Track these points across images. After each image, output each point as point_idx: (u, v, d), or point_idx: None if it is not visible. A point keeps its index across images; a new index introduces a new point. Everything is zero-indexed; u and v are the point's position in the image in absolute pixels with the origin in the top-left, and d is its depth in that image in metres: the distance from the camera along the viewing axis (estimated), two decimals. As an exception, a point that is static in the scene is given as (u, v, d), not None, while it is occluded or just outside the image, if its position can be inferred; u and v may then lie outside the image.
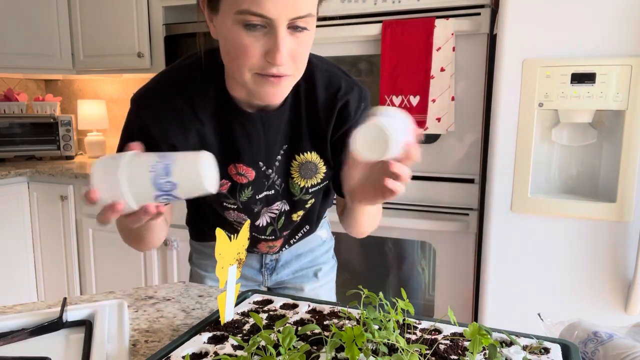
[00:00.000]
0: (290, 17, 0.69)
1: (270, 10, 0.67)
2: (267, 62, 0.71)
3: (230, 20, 0.70)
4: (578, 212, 1.49)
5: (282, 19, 0.69)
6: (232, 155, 0.88)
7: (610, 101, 1.43)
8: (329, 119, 0.88)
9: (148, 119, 0.84)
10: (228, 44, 0.73)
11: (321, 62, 0.89)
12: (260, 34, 0.70)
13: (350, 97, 0.88)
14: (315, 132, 0.89)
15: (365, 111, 0.91)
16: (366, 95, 0.91)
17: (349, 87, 0.89)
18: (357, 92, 0.89)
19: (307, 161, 0.92)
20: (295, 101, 0.87)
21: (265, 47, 0.71)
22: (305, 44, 0.74)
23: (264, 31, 0.70)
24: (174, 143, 0.84)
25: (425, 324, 0.71)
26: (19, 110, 2.92)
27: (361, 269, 2.18)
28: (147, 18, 2.51)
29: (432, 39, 1.77)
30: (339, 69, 0.91)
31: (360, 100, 0.89)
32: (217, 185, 0.68)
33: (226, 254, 0.68)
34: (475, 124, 1.80)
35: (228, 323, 0.71)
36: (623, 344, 0.65)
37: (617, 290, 1.49)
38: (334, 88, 0.88)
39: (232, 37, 0.71)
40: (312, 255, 1.15)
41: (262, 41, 0.70)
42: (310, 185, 0.94)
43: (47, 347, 0.71)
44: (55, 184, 2.54)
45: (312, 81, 0.86)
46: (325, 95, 0.87)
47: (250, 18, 0.68)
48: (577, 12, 1.44)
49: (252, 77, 0.74)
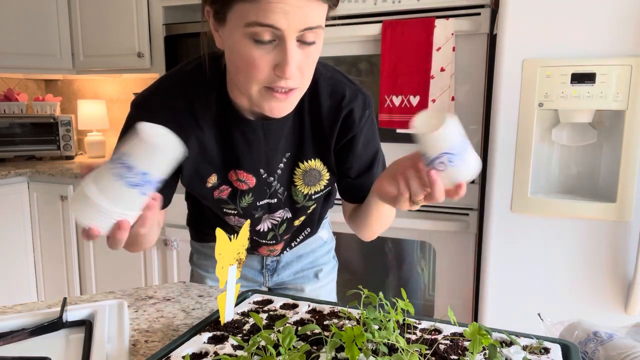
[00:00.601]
0: (300, 29, 0.68)
1: (281, 21, 0.66)
2: (276, 75, 0.70)
3: (238, 33, 0.69)
4: (578, 212, 1.49)
5: (291, 31, 0.68)
6: (232, 161, 0.88)
7: (610, 101, 1.43)
8: (333, 127, 0.88)
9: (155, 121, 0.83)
10: (235, 56, 0.72)
11: (325, 69, 0.88)
12: (269, 47, 0.69)
13: (354, 105, 0.87)
14: (319, 139, 0.89)
15: (369, 118, 0.91)
16: (370, 103, 0.91)
17: (353, 95, 0.88)
18: (362, 99, 0.89)
19: (310, 168, 0.91)
20: (299, 109, 0.86)
21: (275, 60, 0.70)
22: (313, 57, 0.73)
23: (273, 44, 0.69)
24: None
25: (425, 324, 0.71)
26: (19, 110, 2.92)
27: (361, 269, 2.18)
28: (147, 18, 2.51)
29: (432, 39, 1.77)
30: (343, 76, 0.90)
31: (364, 108, 0.89)
32: (179, 143, 0.63)
33: (226, 254, 0.68)
34: (475, 124, 1.80)
35: (228, 323, 0.71)
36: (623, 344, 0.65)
37: (617, 290, 1.49)
38: (339, 96, 0.87)
39: (240, 50, 0.70)
40: (313, 256, 1.15)
41: (271, 55, 0.70)
42: (313, 192, 0.94)
43: (47, 347, 0.71)
44: (55, 184, 2.54)
45: (316, 89, 0.86)
46: (329, 103, 0.87)
47: (259, 30, 0.67)
48: (577, 12, 1.44)
49: (259, 90, 0.73)
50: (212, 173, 0.89)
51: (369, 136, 0.91)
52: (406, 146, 1.88)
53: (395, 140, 1.88)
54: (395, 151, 1.90)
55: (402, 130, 1.85)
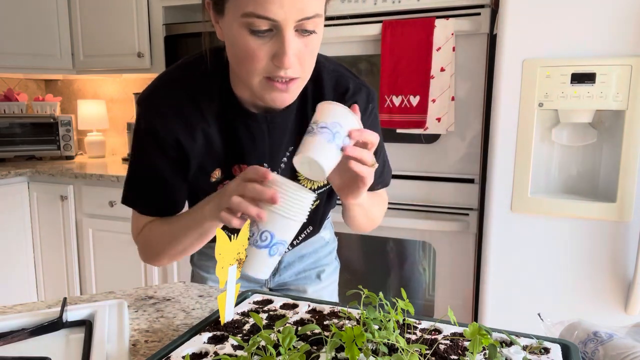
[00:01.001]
0: (297, 19, 0.68)
1: (277, 12, 0.66)
2: (275, 65, 0.70)
3: (236, 23, 0.69)
4: (578, 212, 1.49)
5: (288, 22, 0.67)
6: (236, 155, 0.88)
7: (610, 101, 1.43)
8: None
9: (155, 119, 0.83)
10: (235, 47, 0.72)
11: (328, 62, 0.88)
12: (267, 38, 0.69)
13: (358, 98, 0.87)
14: None
15: (373, 112, 0.91)
16: (374, 96, 0.91)
17: (357, 88, 0.88)
18: (365, 93, 0.89)
19: None
20: (302, 102, 0.86)
21: (272, 50, 0.69)
22: (312, 46, 0.73)
23: (271, 35, 0.69)
24: (181, 141, 0.84)
25: (425, 324, 0.71)
26: (19, 110, 2.92)
27: (362, 269, 2.18)
28: (147, 18, 2.51)
29: (432, 39, 1.77)
30: (346, 70, 0.90)
31: (368, 101, 0.89)
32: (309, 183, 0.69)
33: (226, 254, 0.68)
34: (475, 124, 1.80)
35: (228, 323, 0.71)
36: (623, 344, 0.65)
37: (617, 290, 1.49)
38: (342, 89, 0.87)
39: (238, 40, 0.70)
40: (316, 256, 1.15)
41: (269, 45, 0.69)
42: (316, 187, 0.94)
43: (47, 347, 0.71)
44: (55, 184, 2.54)
45: (319, 82, 0.86)
46: (333, 96, 0.86)
47: (256, 21, 0.67)
48: (577, 12, 1.44)
49: (259, 81, 0.73)
50: (216, 167, 0.89)
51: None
52: (406, 146, 1.88)
53: (396, 140, 1.88)
54: (395, 151, 1.92)
55: (402, 130, 1.85)
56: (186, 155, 0.85)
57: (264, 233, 0.67)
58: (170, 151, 0.85)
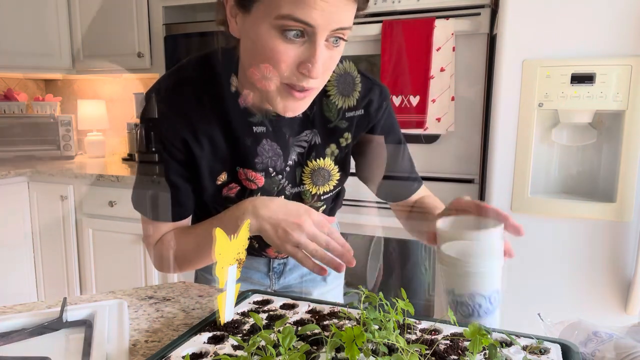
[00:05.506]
0: (333, 28, 0.66)
1: (316, 18, 0.63)
2: (300, 73, 0.68)
3: (266, 24, 0.66)
4: (578, 212, 1.49)
5: (324, 29, 0.65)
6: (240, 159, 0.86)
7: (610, 101, 1.43)
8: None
9: (164, 119, 0.82)
10: (257, 48, 0.69)
11: None
12: (298, 43, 0.66)
13: (372, 96, 0.86)
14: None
15: (386, 110, 0.89)
16: (387, 94, 0.89)
17: (369, 87, 0.87)
18: (377, 91, 0.87)
19: (319, 167, 0.89)
20: (309, 105, 0.84)
21: (301, 57, 0.67)
22: (335, 59, 0.71)
23: (302, 41, 0.66)
24: (188, 142, 0.82)
25: (425, 324, 0.71)
26: (19, 110, 2.92)
27: (363, 268, 2.18)
28: (147, 18, 2.51)
29: (432, 39, 1.77)
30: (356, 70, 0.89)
31: (381, 99, 0.87)
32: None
33: (226, 254, 0.68)
34: (475, 124, 1.80)
35: (228, 323, 0.71)
36: (623, 344, 0.65)
37: (617, 290, 1.49)
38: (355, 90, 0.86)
39: (265, 42, 0.67)
40: None
41: (298, 51, 0.67)
42: (322, 192, 0.92)
43: (47, 347, 0.71)
44: (55, 184, 2.54)
45: None
46: (341, 98, 0.85)
47: (291, 24, 0.64)
48: (577, 12, 1.44)
49: (278, 87, 0.70)
50: (222, 171, 0.87)
51: (387, 127, 0.90)
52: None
53: (395, 140, 1.88)
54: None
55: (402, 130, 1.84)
56: (194, 158, 0.84)
57: (492, 296, 0.75)
58: (177, 154, 0.83)
